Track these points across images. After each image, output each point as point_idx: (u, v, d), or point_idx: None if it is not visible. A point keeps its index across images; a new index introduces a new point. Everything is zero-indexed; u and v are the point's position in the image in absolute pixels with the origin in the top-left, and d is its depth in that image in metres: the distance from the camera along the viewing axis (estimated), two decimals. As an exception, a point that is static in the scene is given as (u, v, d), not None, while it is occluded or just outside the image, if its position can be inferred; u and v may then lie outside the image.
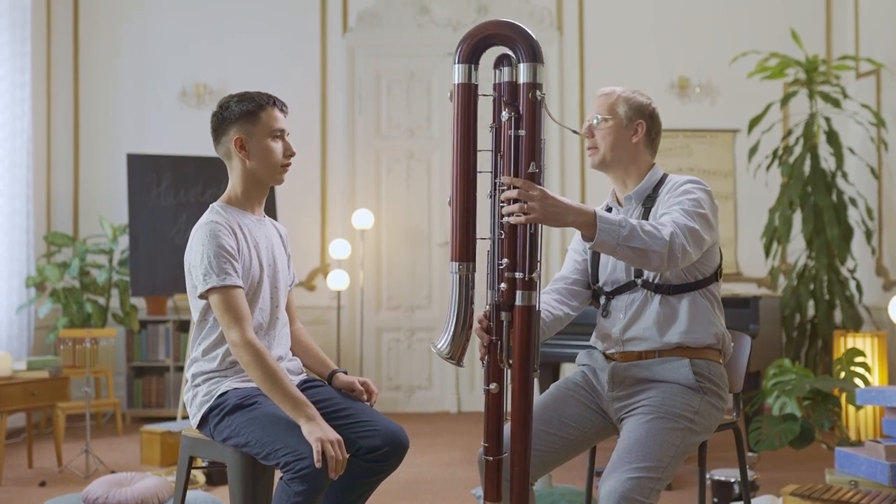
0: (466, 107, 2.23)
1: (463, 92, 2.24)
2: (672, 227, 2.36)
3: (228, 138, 2.68)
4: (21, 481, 4.75)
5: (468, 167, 2.24)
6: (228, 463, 2.53)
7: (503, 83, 2.24)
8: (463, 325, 2.26)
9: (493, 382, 2.27)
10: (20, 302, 6.04)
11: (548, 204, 2.20)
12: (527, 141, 2.21)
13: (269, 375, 2.47)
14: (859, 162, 6.26)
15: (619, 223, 2.30)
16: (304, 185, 6.79)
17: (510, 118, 2.22)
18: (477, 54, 2.24)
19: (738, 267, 6.78)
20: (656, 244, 2.32)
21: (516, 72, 2.22)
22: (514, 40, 2.21)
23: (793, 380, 4.70)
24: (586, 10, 6.86)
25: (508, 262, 2.24)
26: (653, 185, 2.63)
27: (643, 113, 2.64)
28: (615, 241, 2.29)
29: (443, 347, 2.27)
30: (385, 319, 6.84)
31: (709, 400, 2.54)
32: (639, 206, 2.63)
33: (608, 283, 2.65)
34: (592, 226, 2.27)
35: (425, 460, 5.17)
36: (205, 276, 2.54)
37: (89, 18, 6.86)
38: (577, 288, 2.71)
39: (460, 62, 2.24)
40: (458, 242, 2.25)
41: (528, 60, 2.20)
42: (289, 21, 6.85)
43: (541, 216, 2.20)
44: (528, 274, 2.22)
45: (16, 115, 6.04)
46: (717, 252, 2.61)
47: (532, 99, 2.20)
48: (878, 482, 3.84)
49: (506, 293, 2.25)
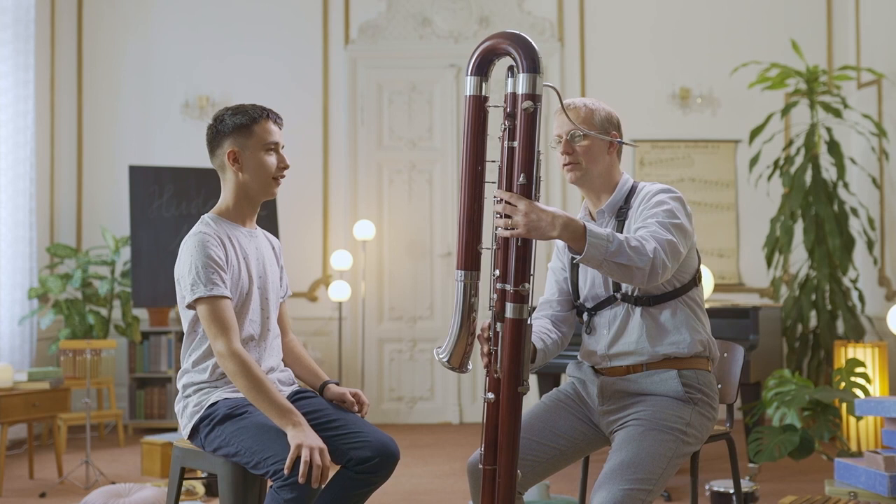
0: (476, 118, 2.26)
1: (473, 104, 2.26)
2: (655, 244, 2.35)
3: (223, 151, 2.69)
4: (22, 492, 4.76)
5: (475, 177, 2.26)
6: (219, 473, 2.53)
7: (508, 94, 2.25)
8: (465, 332, 2.29)
9: (491, 392, 2.28)
10: (23, 313, 6.06)
11: (532, 218, 2.20)
12: (520, 152, 2.21)
13: (255, 385, 2.48)
14: (861, 172, 6.26)
15: (608, 238, 2.28)
16: (306, 196, 6.82)
17: (506, 129, 2.23)
18: (486, 66, 2.26)
19: (740, 277, 6.77)
20: (640, 261, 2.31)
21: (516, 82, 2.23)
22: (514, 51, 2.22)
23: (793, 390, 4.68)
24: (587, 22, 6.87)
25: (500, 273, 2.25)
26: (624, 197, 2.62)
27: (613, 123, 2.63)
28: (602, 256, 2.28)
29: (444, 355, 2.30)
30: (387, 330, 6.84)
31: (699, 410, 2.53)
32: (612, 219, 2.61)
33: (589, 299, 2.64)
34: (581, 240, 2.26)
35: (426, 471, 5.17)
36: (192, 286, 2.55)
37: (93, 31, 6.90)
38: (562, 313, 2.71)
39: (471, 74, 2.27)
40: (462, 251, 2.27)
41: (526, 71, 2.20)
42: (291, 33, 6.89)
43: (524, 231, 2.20)
44: (515, 286, 2.22)
45: (19, 128, 6.08)
46: (694, 257, 2.60)
47: (525, 109, 2.20)
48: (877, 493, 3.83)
49: (497, 304, 2.25)
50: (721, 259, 6.77)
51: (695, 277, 2.60)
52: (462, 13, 6.85)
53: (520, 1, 6.86)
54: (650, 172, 6.76)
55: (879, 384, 5.35)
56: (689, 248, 2.52)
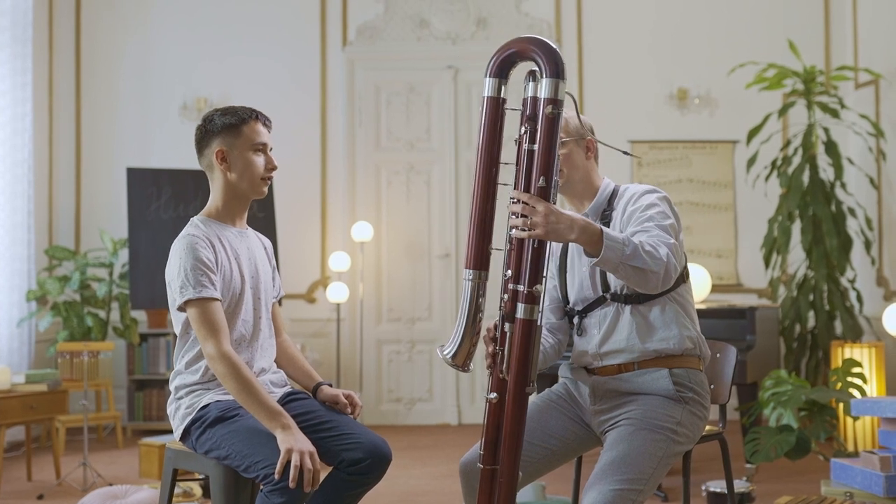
0: (493, 119, 2.29)
1: (490, 105, 2.29)
2: (666, 249, 2.38)
3: (210, 150, 2.71)
4: (19, 494, 4.77)
5: (489, 178, 2.29)
6: (210, 475, 2.54)
7: (528, 98, 2.28)
8: (471, 332, 2.30)
9: (494, 392, 2.28)
10: (21, 315, 6.07)
11: (551, 220, 2.22)
12: (540, 155, 2.23)
13: (245, 387, 2.48)
14: (858, 172, 6.26)
15: (624, 241, 2.32)
16: (304, 197, 6.82)
17: (527, 132, 2.25)
18: (506, 69, 2.29)
19: (738, 278, 6.77)
20: (656, 265, 2.34)
21: (538, 87, 2.25)
22: (538, 56, 2.25)
23: (789, 391, 4.68)
24: (585, 23, 6.88)
25: (512, 273, 2.26)
26: (606, 200, 2.65)
27: (587, 128, 2.66)
28: (619, 259, 2.30)
29: (448, 353, 2.32)
30: (385, 332, 6.84)
31: (690, 409, 2.54)
32: (596, 222, 2.62)
33: (579, 302, 2.66)
34: (598, 243, 2.29)
35: (424, 472, 5.17)
36: (181, 288, 2.55)
37: (91, 33, 6.91)
38: (555, 321, 2.73)
39: (490, 76, 2.29)
40: (472, 251, 2.29)
41: (549, 76, 2.23)
42: (289, 35, 6.89)
43: (543, 232, 2.22)
44: (528, 287, 2.23)
45: (17, 130, 6.09)
46: (680, 254, 2.60)
47: (548, 114, 2.22)
48: (872, 493, 3.83)
49: (508, 305, 2.27)
50: (719, 260, 6.77)
51: (682, 275, 2.61)
52: (460, 14, 6.86)
53: (517, 2, 6.86)
54: (648, 173, 6.76)
55: (876, 384, 5.35)
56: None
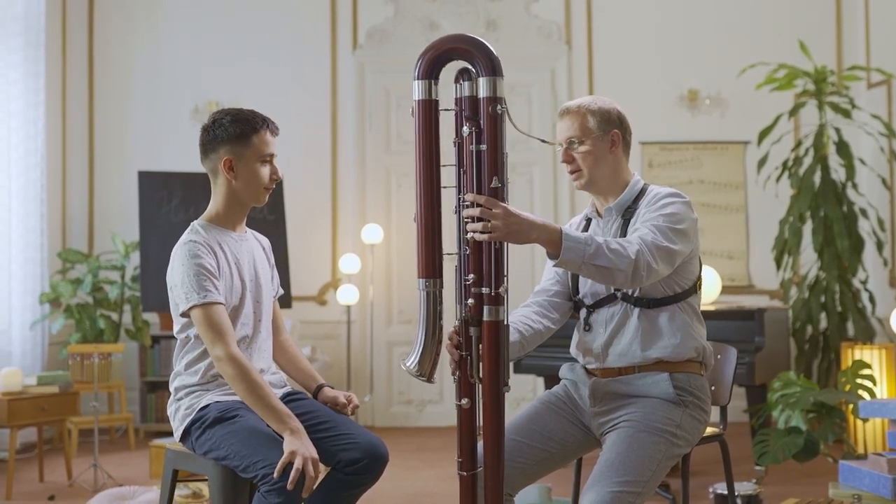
0: (427, 123, 2.25)
1: (423, 108, 2.25)
2: (638, 246, 2.34)
3: (217, 156, 2.67)
4: (31, 495, 4.81)
5: (432, 183, 2.27)
6: (209, 476, 2.56)
7: (464, 97, 2.25)
8: (432, 341, 2.26)
9: (465, 398, 2.27)
10: (34, 318, 6.12)
11: (511, 222, 2.20)
12: (489, 155, 2.21)
13: (254, 389, 2.50)
14: (870, 173, 6.21)
15: (585, 241, 2.28)
16: (314, 200, 6.85)
17: (471, 133, 2.23)
18: (436, 70, 2.25)
19: (749, 279, 6.74)
20: (621, 263, 2.30)
21: (476, 86, 2.22)
22: (473, 54, 2.22)
23: (797, 392, 4.66)
24: (595, 25, 6.87)
25: (475, 277, 2.23)
26: (633, 197, 2.59)
27: (613, 120, 2.58)
28: (580, 259, 2.28)
29: (412, 365, 2.28)
30: (395, 334, 6.86)
31: (690, 413, 2.52)
32: (618, 217, 2.60)
33: (588, 296, 2.62)
34: (557, 244, 2.26)
35: (432, 474, 5.17)
36: (186, 294, 2.56)
37: (103, 38, 6.96)
38: (557, 300, 2.68)
39: (419, 78, 2.26)
40: (423, 259, 2.26)
41: (487, 74, 2.21)
42: (299, 38, 6.92)
43: (503, 234, 2.20)
44: (495, 289, 2.22)
45: (30, 134, 6.14)
46: (696, 264, 2.58)
47: (492, 113, 2.20)
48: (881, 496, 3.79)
49: (473, 309, 2.24)
50: (730, 261, 6.74)
51: (695, 284, 2.58)
52: (469, 17, 6.87)
53: (527, 4, 6.86)
54: (659, 174, 6.74)
55: (887, 386, 5.31)
56: (691, 253, 2.51)
